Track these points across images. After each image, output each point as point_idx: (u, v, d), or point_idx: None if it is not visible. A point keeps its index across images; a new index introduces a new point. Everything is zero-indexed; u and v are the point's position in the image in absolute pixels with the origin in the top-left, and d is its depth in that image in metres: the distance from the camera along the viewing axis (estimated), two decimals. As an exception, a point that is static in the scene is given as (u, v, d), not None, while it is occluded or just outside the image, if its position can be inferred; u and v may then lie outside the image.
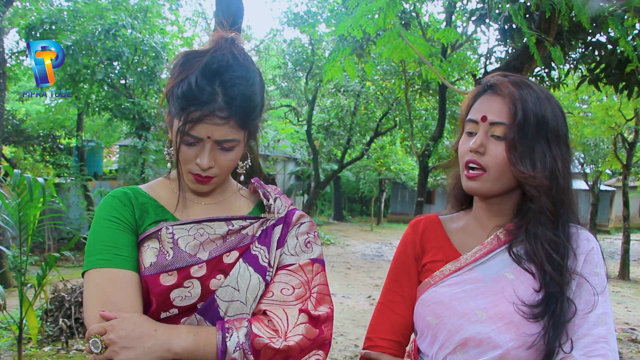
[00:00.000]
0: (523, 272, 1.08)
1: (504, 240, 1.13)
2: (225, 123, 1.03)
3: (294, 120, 17.97)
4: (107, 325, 0.96)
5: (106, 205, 1.11)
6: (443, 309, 1.11)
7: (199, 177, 1.09)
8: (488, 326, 1.05)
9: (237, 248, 1.10)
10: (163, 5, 11.31)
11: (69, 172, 13.16)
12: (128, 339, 0.95)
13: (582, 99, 12.76)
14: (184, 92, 1.03)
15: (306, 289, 1.11)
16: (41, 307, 4.90)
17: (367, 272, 10.38)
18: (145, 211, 1.12)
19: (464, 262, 1.14)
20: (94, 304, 1.01)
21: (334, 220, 23.43)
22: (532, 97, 1.10)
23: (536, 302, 1.04)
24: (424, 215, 1.31)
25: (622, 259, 10.91)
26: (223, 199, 1.19)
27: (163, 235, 1.08)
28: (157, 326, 0.99)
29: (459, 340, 1.07)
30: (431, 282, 1.16)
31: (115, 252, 1.05)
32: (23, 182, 3.27)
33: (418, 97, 11.60)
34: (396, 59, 3.65)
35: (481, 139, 1.11)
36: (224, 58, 1.04)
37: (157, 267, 1.04)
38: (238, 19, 3.96)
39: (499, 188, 1.12)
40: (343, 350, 5.01)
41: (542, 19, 3.75)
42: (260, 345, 1.00)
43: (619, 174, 15.20)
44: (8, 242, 7.14)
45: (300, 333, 1.04)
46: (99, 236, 1.07)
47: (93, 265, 1.04)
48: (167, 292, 1.03)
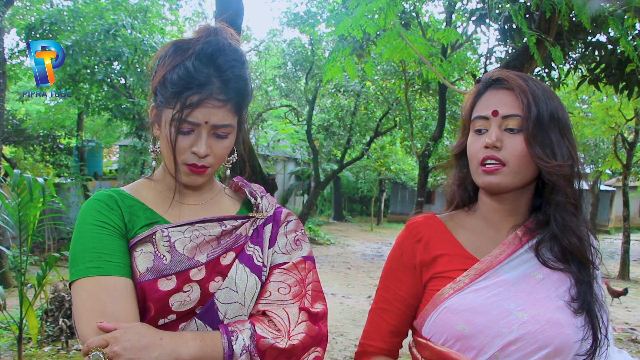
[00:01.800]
0: (551, 271, 1.08)
1: (526, 239, 1.11)
2: (222, 106, 1.02)
3: (294, 120, 17.95)
4: (110, 337, 0.91)
5: (91, 210, 1.04)
6: (476, 316, 1.05)
7: (195, 167, 1.06)
8: (532, 326, 1.03)
9: (233, 249, 1.08)
10: (163, 5, 11.31)
11: (69, 172, 13.15)
12: (134, 350, 0.90)
13: (582, 99, 12.77)
14: (180, 76, 1.00)
15: (301, 287, 1.10)
16: (41, 307, 4.89)
17: (367, 272, 10.37)
18: (134, 214, 1.07)
19: (488, 264, 1.10)
20: (88, 315, 0.95)
21: (334, 220, 23.42)
22: (540, 90, 1.10)
23: (574, 297, 1.06)
24: (421, 215, 1.23)
25: (622, 259, 10.91)
26: (209, 199, 1.17)
27: (158, 238, 1.03)
28: (161, 335, 0.95)
29: (500, 345, 1.03)
30: (454, 287, 1.09)
31: (107, 258, 0.99)
32: (23, 182, 3.27)
33: (418, 97, 11.59)
34: (396, 59, 3.65)
35: (497, 134, 1.08)
36: (219, 42, 1.03)
37: (154, 272, 1.00)
38: (238, 19, 3.96)
39: (519, 181, 1.09)
40: (343, 350, 5.01)
41: (542, 19, 3.74)
42: (265, 346, 0.98)
43: (619, 174, 15.19)
44: (8, 242, 7.14)
45: (303, 331, 1.03)
46: (86, 243, 1.00)
47: (83, 274, 0.98)
48: (166, 298, 0.99)
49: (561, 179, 1.07)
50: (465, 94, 1.23)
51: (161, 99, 1.04)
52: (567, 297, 1.06)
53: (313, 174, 15.69)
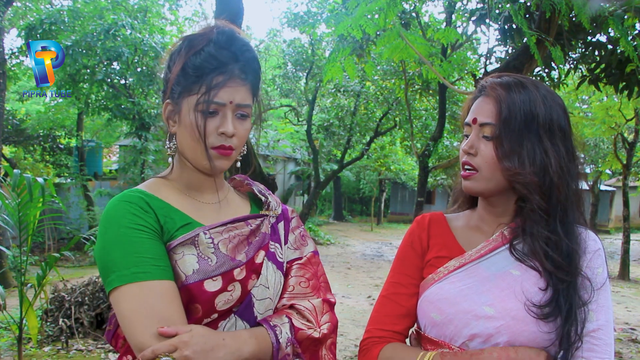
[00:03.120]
0: (528, 269, 1.10)
1: (508, 237, 1.14)
2: (244, 85, 1.07)
3: (294, 120, 17.96)
4: (178, 342, 0.92)
5: (125, 213, 1.02)
6: (448, 306, 1.11)
7: (223, 148, 1.06)
8: (497, 321, 1.06)
9: (262, 247, 1.13)
10: (163, 5, 11.32)
11: (69, 172, 13.16)
12: (203, 352, 0.93)
13: (582, 99, 12.76)
14: (203, 59, 1.04)
15: (316, 280, 1.18)
16: (41, 307, 4.89)
17: (367, 272, 10.37)
18: (168, 216, 1.06)
19: (468, 258, 1.16)
20: (144, 321, 0.94)
21: (334, 220, 23.42)
22: (522, 96, 1.11)
23: (545, 302, 1.05)
24: (429, 213, 1.32)
25: (622, 259, 10.91)
26: (223, 197, 1.18)
27: (201, 240, 1.04)
28: (223, 336, 0.98)
29: (468, 336, 1.09)
30: (435, 278, 1.17)
31: (153, 262, 0.98)
32: (23, 182, 3.27)
33: (418, 97, 11.59)
34: (396, 59, 3.65)
35: (472, 141, 1.14)
36: (230, 31, 1.09)
37: (201, 274, 1.01)
38: (238, 19, 3.97)
39: (493, 186, 1.14)
40: (343, 350, 5.01)
41: (542, 19, 3.75)
42: (303, 337, 1.07)
43: (619, 174, 15.19)
44: (8, 242, 7.14)
45: (328, 320, 1.13)
46: (127, 247, 0.98)
47: (130, 280, 0.96)
48: (212, 298, 1.02)
49: (524, 187, 1.09)
50: (466, 94, 1.25)
51: (180, 89, 1.07)
52: (539, 299, 1.05)
53: (313, 174, 15.69)
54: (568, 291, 1.05)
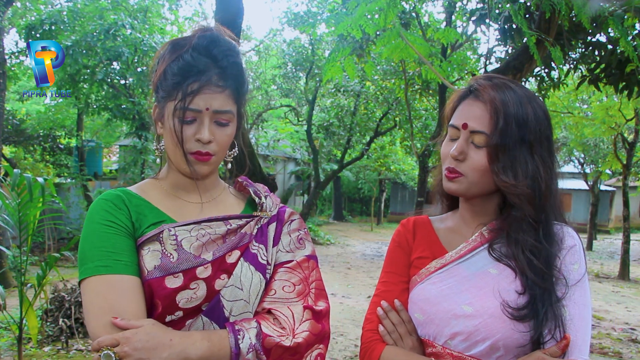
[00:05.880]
0: (506, 267, 1.11)
1: (488, 238, 1.15)
2: (222, 92, 1.07)
3: (294, 120, 17.96)
4: (121, 337, 0.93)
5: (99, 209, 1.07)
6: (429, 306, 1.14)
7: (200, 154, 1.08)
8: (475, 319, 1.08)
9: (238, 247, 1.10)
10: (163, 5, 11.31)
11: (69, 172, 13.14)
12: (144, 350, 0.93)
13: (582, 99, 12.76)
14: (180, 66, 1.06)
15: (305, 285, 1.13)
16: (41, 307, 4.90)
17: (367, 272, 10.37)
18: (141, 213, 1.09)
19: (449, 259, 1.17)
20: (97, 313, 0.97)
21: (334, 220, 23.42)
22: (514, 100, 1.11)
23: (522, 305, 1.05)
24: (412, 216, 1.35)
25: (622, 259, 10.91)
26: (214, 197, 1.19)
27: (165, 237, 1.06)
28: (171, 335, 0.97)
29: (449, 334, 1.11)
30: (417, 279, 1.20)
31: (115, 257, 1.02)
32: (23, 182, 3.27)
33: (418, 97, 11.60)
34: (396, 59, 3.65)
35: (461, 146, 1.13)
36: (213, 35, 1.09)
37: (161, 270, 1.02)
38: (238, 19, 3.95)
39: (477, 190, 1.15)
40: (343, 350, 5.01)
41: (542, 19, 3.75)
42: (271, 344, 1.01)
43: (619, 174, 15.19)
44: (8, 242, 7.14)
45: (307, 329, 1.06)
46: (95, 242, 1.03)
47: (92, 273, 1.01)
48: (173, 295, 1.01)
49: (516, 197, 1.10)
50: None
51: (162, 94, 1.09)
52: (516, 301, 1.06)
53: (313, 174, 15.70)
54: (544, 295, 1.05)
